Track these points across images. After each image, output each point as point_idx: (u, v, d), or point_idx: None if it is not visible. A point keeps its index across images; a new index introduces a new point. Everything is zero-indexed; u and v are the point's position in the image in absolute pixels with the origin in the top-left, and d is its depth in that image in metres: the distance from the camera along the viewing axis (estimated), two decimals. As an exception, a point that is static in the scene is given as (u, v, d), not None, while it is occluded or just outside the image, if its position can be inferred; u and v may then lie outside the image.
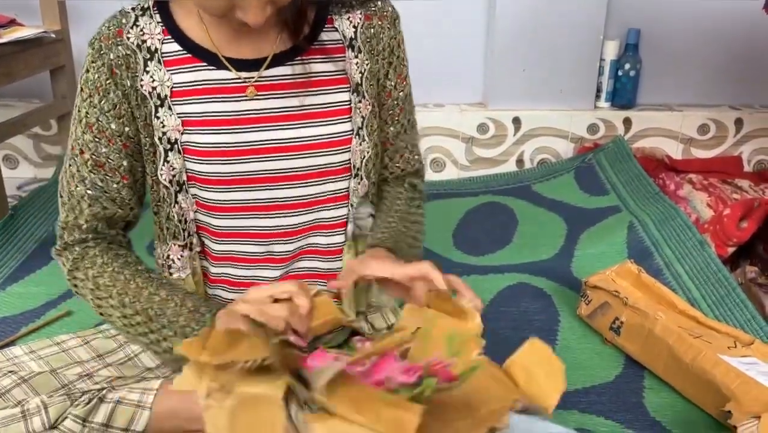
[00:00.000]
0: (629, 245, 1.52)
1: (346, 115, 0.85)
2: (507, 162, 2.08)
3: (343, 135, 0.84)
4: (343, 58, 0.84)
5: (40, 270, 1.45)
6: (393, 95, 0.90)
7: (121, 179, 0.83)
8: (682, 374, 1.07)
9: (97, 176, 0.82)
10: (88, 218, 0.83)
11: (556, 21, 1.97)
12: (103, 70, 0.80)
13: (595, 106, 2.08)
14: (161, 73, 0.80)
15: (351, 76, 0.85)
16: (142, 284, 0.81)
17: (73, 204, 0.83)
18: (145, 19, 0.81)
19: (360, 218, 0.92)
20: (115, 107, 0.80)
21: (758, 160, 2.11)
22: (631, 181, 1.81)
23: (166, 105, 0.80)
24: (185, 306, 0.78)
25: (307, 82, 0.82)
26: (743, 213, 1.52)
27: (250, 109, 0.81)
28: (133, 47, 0.80)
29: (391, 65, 0.89)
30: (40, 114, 1.80)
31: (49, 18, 1.81)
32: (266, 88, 0.81)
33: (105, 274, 0.82)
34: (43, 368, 0.83)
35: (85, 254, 0.83)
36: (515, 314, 1.32)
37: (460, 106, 2.09)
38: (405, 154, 0.96)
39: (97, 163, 0.82)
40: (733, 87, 2.13)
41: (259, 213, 0.85)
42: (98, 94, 0.80)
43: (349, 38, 0.85)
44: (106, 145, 0.81)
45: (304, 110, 0.83)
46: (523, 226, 1.71)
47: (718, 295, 1.31)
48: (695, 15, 2.05)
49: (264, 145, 0.82)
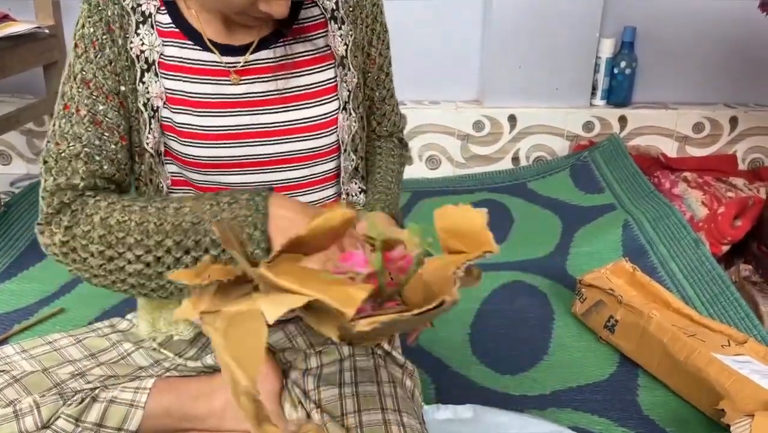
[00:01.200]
0: (624, 243, 1.53)
1: (332, 94, 0.84)
2: (503, 160, 2.08)
3: (329, 116, 0.84)
4: (326, 33, 0.84)
5: (33, 267, 1.44)
6: (378, 62, 0.90)
7: (120, 140, 0.78)
8: (676, 372, 1.08)
9: (94, 134, 0.76)
10: (84, 176, 0.75)
11: (552, 19, 1.96)
12: (99, 24, 0.77)
13: (591, 104, 2.08)
14: (152, 37, 0.79)
15: (335, 49, 0.84)
16: (161, 204, 0.73)
17: (63, 166, 0.75)
18: None
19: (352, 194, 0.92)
20: (111, 63, 0.78)
21: (753, 158, 2.11)
22: (627, 180, 1.81)
23: (152, 71, 0.79)
24: (223, 202, 0.71)
25: (290, 64, 0.81)
26: (737, 211, 1.52)
27: (234, 94, 0.80)
28: (128, 8, 0.79)
29: (374, 32, 0.88)
30: (33, 110, 1.79)
31: (43, 13, 1.80)
32: (249, 72, 0.80)
33: (115, 212, 0.73)
34: (35, 368, 0.82)
35: (85, 203, 0.74)
36: (510, 312, 1.32)
37: (455, 103, 2.08)
38: (391, 117, 0.97)
39: (95, 120, 0.77)
40: (728, 85, 2.13)
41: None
42: (94, 49, 0.77)
43: (331, 10, 0.84)
44: (103, 102, 0.78)
45: (289, 93, 0.82)
46: (518, 223, 1.71)
47: (712, 293, 1.31)
48: (691, 13, 2.05)
49: (247, 130, 0.81)
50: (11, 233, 1.53)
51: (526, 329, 1.27)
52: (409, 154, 1.05)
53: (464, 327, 1.27)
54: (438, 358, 1.17)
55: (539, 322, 1.29)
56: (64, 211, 0.74)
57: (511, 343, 1.23)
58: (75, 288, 1.37)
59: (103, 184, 0.77)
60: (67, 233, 0.73)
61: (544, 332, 1.26)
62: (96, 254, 0.73)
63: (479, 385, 1.11)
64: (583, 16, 1.97)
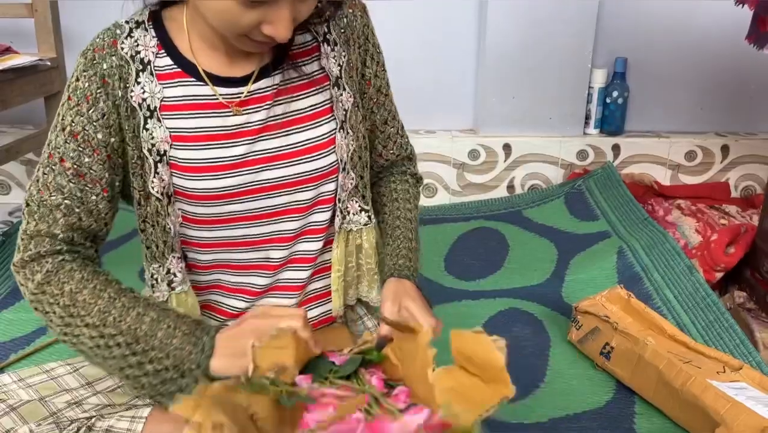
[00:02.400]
0: (619, 270, 1.54)
1: (329, 115, 0.86)
2: (498, 188, 2.10)
3: (327, 136, 0.85)
4: (319, 56, 0.86)
5: (30, 296, 1.44)
6: (374, 83, 0.92)
7: (102, 192, 0.81)
8: (672, 399, 1.08)
9: (76, 186, 0.79)
10: (63, 228, 0.79)
11: (544, 50, 2.00)
12: (94, 79, 0.79)
13: (584, 133, 2.11)
14: (152, 84, 0.81)
15: (329, 70, 0.86)
16: (128, 303, 0.78)
17: (44, 213, 0.79)
18: (140, 31, 0.82)
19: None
20: (103, 116, 0.79)
21: (746, 186, 2.14)
22: (621, 207, 1.83)
23: (155, 117, 0.81)
24: (179, 329, 0.76)
25: (289, 89, 0.84)
26: (730, 239, 1.54)
27: (236, 124, 0.82)
28: (127, 57, 0.80)
29: (367, 53, 0.90)
30: (34, 141, 1.81)
31: (45, 46, 1.83)
32: (250, 102, 0.82)
33: (85, 290, 0.78)
34: (31, 396, 0.82)
35: (61, 267, 0.78)
36: (507, 340, 1.32)
37: (451, 132, 2.11)
38: (397, 140, 0.98)
39: (78, 173, 0.79)
40: (718, 114, 2.17)
41: (255, 222, 0.86)
42: (87, 103, 0.79)
43: (323, 33, 0.86)
44: (89, 154, 0.80)
45: (287, 117, 0.84)
46: (514, 251, 1.72)
47: (708, 320, 1.32)
48: (680, 44, 2.09)
49: (249, 158, 0.83)
50: (9, 262, 1.54)
51: (523, 357, 1.27)
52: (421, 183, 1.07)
53: (461, 355, 1.27)
54: (435, 386, 1.17)
55: (536, 349, 1.29)
56: (40, 262, 0.79)
57: (508, 370, 1.23)
58: (72, 317, 1.37)
59: (80, 238, 0.81)
60: (39, 287, 0.78)
61: (540, 360, 1.26)
62: (58, 316, 0.78)
63: (476, 413, 1.11)
64: (575, 47, 2.01)
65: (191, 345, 0.76)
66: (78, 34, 1.99)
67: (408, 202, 0.98)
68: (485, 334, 0.63)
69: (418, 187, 1.03)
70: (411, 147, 1.03)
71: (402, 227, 0.96)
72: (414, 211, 0.98)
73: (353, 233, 0.93)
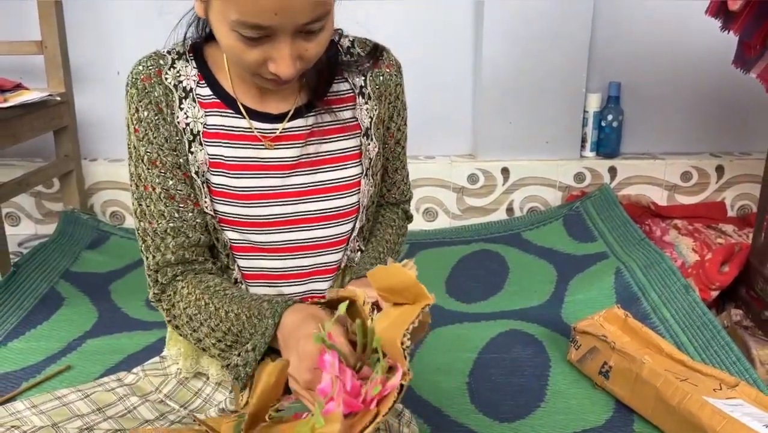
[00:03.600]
0: (617, 290, 1.56)
1: (357, 159, 0.90)
2: (497, 211, 2.13)
3: (354, 178, 0.90)
4: (354, 106, 0.91)
5: (40, 325, 1.47)
6: (395, 136, 0.97)
7: (194, 207, 0.86)
8: (670, 416, 1.09)
9: (173, 208, 0.85)
10: (174, 250, 0.85)
11: (540, 76, 2.05)
12: (150, 107, 0.84)
13: (581, 156, 2.15)
14: (195, 110, 0.85)
15: (361, 121, 0.91)
16: (218, 304, 0.82)
17: (158, 243, 0.85)
18: (181, 63, 0.86)
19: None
20: (167, 141, 0.85)
21: (741, 205, 2.17)
22: (618, 228, 1.86)
23: (197, 141, 0.86)
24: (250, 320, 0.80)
25: (321, 131, 0.88)
26: (725, 258, 1.56)
27: (269, 157, 0.87)
28: (171, 87, 0.85)
29: (395, 109, 0.95)
30: (43, 174, 1.85)
31: (54, 81, 1.89)
32: (284, 138, 0.87)
33: (191, 305, 0.84)
34: (45, 423, 0.85)
35: (176, 289, 0.86)
36: (507, 361, 1.34)
37: (450, 157, 2.15)
38: (401, 186, 1.03)
39: (169, 195, 0.85)
40: (712, 135, 2.21)
41: (274, 255, 0.90)
42: (152, 131, 0.84)
43: (359, 86, 0.91)
44: (171, 177, 0.85)
45: (317, 157, 0.89)
46: (514, 273, 1.75)
47: (704, 338, 1.34)
48: (674, 67, 2.14)
49: (280, 191, 0.87)
50: (20, 292, 1.57)
51: (523, 377, 1.29)
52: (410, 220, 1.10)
53: (462, 376, 1.29)
54: (437, 407, 1.19)
55: (536, 370, 1.32)
56: (168, 292, 0.87)
57: (509, 391, 1.25)
58: (81, 345, 1.39)
59: (191, 255, 0.87)
60: (168, 312, 0.87)
61: (540, 380, 1.28)
62: (189, 332, 0.86)
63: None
64: (569, 73, 2.06)
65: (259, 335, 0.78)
66: (85, 68, 2.04)
67: (390, 227, 1.02)
68: (395, 262, 0.67)
69: (406, 222, 1.06)
70: (410, 193, 1.07)
71: (374, 243, 0.98)
72: (393, 236, 1.01)
73: (348, 269, 0.97)
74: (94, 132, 2.12)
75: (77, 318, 1.51)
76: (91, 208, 2.11)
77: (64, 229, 1.91)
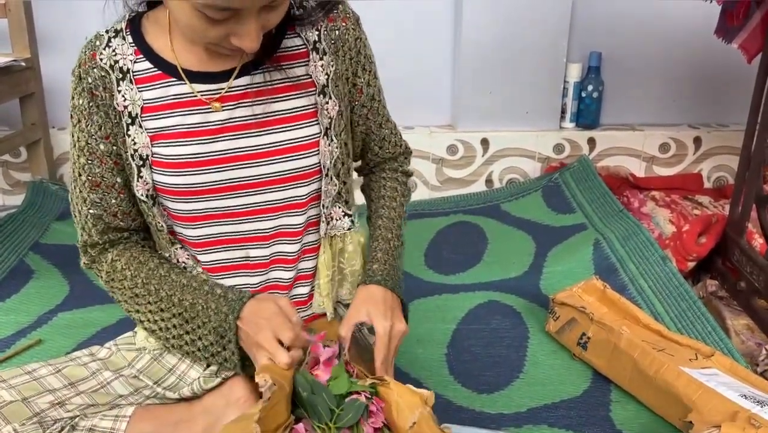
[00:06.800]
0: (595, 261, 1.57)
1: (313, 119, 0.87)
2: (476, 182, 2.12)
3: (311, 138, 0.87)
4: (307, 62, 0.87)
5: (9, 299, 1.43)
6: (366, 91, 0.94)
7: (118, 194, 0.88)
8: (647, 386, 1.11)
9: (96, 195, 0.87)
10: (99, 234, 0.89)
11: (520, 45, 2.03)
12: (84, 94, 0.83)
13: (561, 127, 2.14)
14: (132, 92, 0.83)
15: (316, 78, 0.87)
16: (169, 291, 0.87)
17: (83, 224, 0.89)
18: (118, 40, 0.83)
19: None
20: (100, 128, 0.84)
21: (718, 176, 2.18)
22: (597, 199, 1.86)
23: (136, 123, 0.83)
24: (209, 307, 0.84)
25: (272, 90, 0.85)
26: (702, 229, 1.58)
27: (217, 120, 0.83)
28: (106, 68, 0.83)
29: (359, 64, 0.92)
30: (10, 142, 1.79)
31: (19, 46, 1.82)
32: (232, 98, 0.84)
33: (137, 285, 0.88)
34: (14, 397, 0.83)
35: (113, 269, 0.90)
36: (486, 332, 1.34)
37: (429, 128, 2.13)
38: (392, 139, 1.01)
39: (94, 183, 0.86)
40: (690, 107, 2.21)
41: (233, 219, 0.88)
42: (84, 119, 0.84)
43: (313, 42, 0.87)
44: (98, 165, 0.86)
45: (270, 117, 0.85)
46: (492, 244, 1.75)
47: (680, 309, 1.35)
48: (654, 38, 2.12)
49: (232, 154, 0.84)
50: (-13, 264, 1.53)
51: (502, 348, 1.29)
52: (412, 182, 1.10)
53: (441, 347, 1.29)
54: (415, 378, 1.19)
55: (514, 341, 1.32)
56: (99, 265, 0.92)
57: (487, 362, 1.25)
58: (52, 319, 1.36)
59: (116, 236, 0.91)
60: (106, 284, 0.92)
61: (519, 351, 1.29)
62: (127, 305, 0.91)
63: (456, 405, 1.13)
64: (549, 42, 2.03)
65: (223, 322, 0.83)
66: (52, 34, 1.97)
67: (393, 200, 1.01)
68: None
69: (407, 184, 1.06)
70: (405, 143, 1.06)
71: (383, 227, 0.98)
72: (399, 209, 1.01)
73: (336, 238, 0.94)
74: (62, 100, 2.03)
75: (48, 291, 1.47)
76: (61, 178, 2.05)
77: (33, 199, 1.86)
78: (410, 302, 1.45)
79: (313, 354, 0.81)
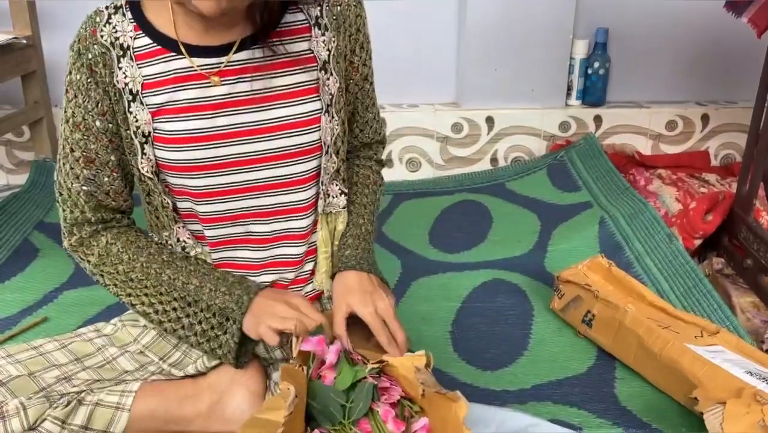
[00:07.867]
0: (600, 239, 1.56)
1: (315, 94, 0.86)
2: (481, 160, 2.11)
3: (312, 114, 0.86)
4: (309, 38, 0.86)
5: (15, 277, 1.44)
6: (361, 71, 0.93)
7: (111, 173, 0.87)
8: (652, 363, 1.11)
9: (89, 172, 0.86)
10: (90, 211, 0.88)
11: (526, 21, 2.00)
12: (83, 70, 0.82)
13: (566, 105, 2.12)
14: (133, 69, 0.82)
15: (317, 53, 0.86)
16: (173, 275, 0.87)
17: (74, 200, 0.87)
18: (118, 17, 0.82)
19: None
20: (97, 105, 0.83)
21: (725, 154, 2.17)
22: (602, 177, 1.85)
23: (138, 100, 0.82)
24: (219, 290, 0.86)
25: (273, 65, 0.84)
26: (709, 206, 1.56)
27: (218, 95, 0.83)
28: (107, 45, 0.82)
29: (357, 42, 0.90)
30: (12, 121, 1.78)
31: (20, 24, 1.80)
32: (232, 72, 0.83)
33: (135, 269, 0.88)
34: (21, 372, 0.83)
35: (108, 251, 0.89)
36: (491, 310, 1.34)
37: (434, 106, 2.11)
38: (373, 125, 1.00)
39: (88, 159, 0.85)
40: (698, 83, 2.19)
41: (235, 196, 0.87)
42: (81, 94, 0.83)
43: (315, 17, 0.86)
44: (94, 141, 0.85)
45: (272, 92, 0.84)
46: (497, 223, 1.74)
47: (686, 286, 1.35)
48: (661, 14, 2.09)
49: (233, 129, 0.84)
50: (-9, 243, 1.53)
51: (506, 326, 1.29)
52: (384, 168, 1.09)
53: (446, 325, 1.29)
54: (420, 356, 1.19)
55: (519, 319, 1.32)
56: (89, 246, 0.90)
57: (492, 340, 1.25)
58: (58, 297, 1.37)
59: (109, 215, 0.90)
60: (96, 267, 0.90)
61: (523, 329, 1.29)
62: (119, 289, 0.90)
63: (461, 382, 1.13)
64: (555, 18, 2.01)
65: (233, 303, 0.85)
66: (53, 11, 1.95)
67: (366, 187, 1.00)
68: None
69: (380, 173, 1.05)
70: (384, 132, 1.05)
71: (354, 213, 0.97)
72: (371, 196, 1.00)
73: (332, 215, 0.94)
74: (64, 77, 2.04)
75: (53, 269, 1.48)
76: (65, 157, 2.04)
77: (37, 178, 1.86)
78: (415, 281, 1.45)
79: (319, 356, 0.80)
